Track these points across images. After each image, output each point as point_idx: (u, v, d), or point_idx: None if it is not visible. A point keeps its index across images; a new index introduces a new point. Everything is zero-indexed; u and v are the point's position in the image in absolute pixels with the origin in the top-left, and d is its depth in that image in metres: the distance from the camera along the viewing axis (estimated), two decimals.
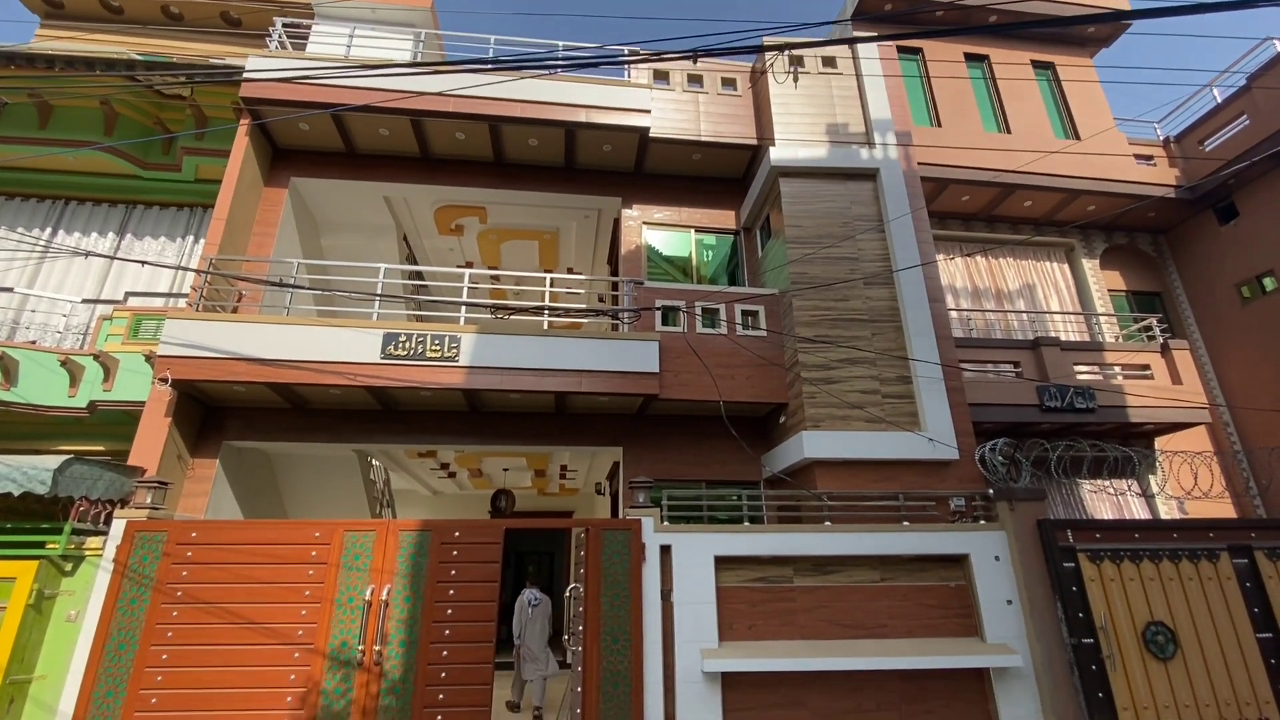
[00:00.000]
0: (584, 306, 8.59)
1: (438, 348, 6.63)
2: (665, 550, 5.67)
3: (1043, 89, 9.93)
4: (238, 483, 7.40)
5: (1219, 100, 9.30)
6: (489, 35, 8.52)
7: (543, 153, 8.49)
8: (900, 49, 9.20)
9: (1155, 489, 8.50)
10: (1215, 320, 9.37)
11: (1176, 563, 5.68)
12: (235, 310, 7.18)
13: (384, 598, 5.29)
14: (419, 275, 10.66)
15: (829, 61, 8.53)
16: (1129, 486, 8.57)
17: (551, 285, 7.46)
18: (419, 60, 8.79)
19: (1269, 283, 8.72)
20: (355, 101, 7.39)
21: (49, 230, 8.76)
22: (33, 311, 8.16)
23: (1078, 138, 9.47)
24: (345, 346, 6.53)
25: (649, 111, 8.02)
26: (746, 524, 6.03)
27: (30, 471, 5.26)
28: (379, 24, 9.06)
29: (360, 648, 5.13)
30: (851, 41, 5.81)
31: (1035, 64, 9.96)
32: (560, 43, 8.30)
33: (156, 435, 6.40)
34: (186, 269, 7.57)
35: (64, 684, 4.97)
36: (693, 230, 8.73)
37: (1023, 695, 5.39)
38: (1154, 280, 10.09)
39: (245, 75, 7.42)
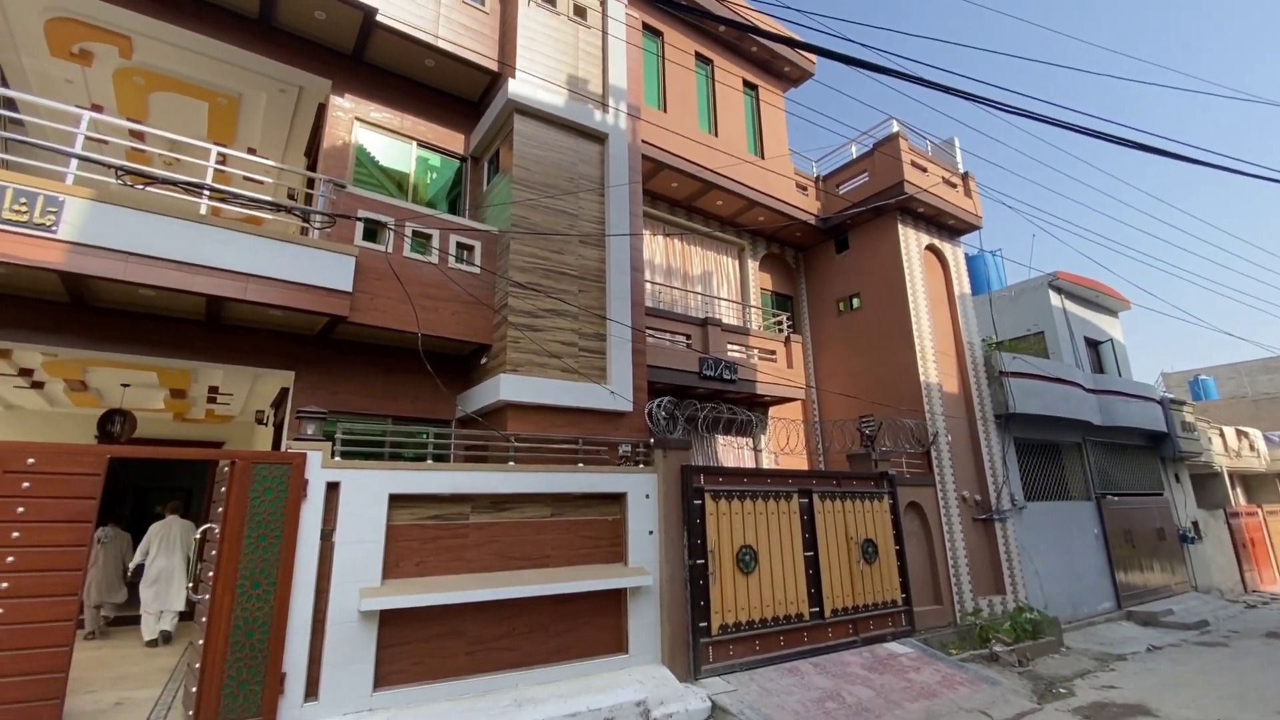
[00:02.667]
0: (267, 199, 7.16)
1: (24, 209, 4.80)
2: (332, 487, 5.22)
3: (747, 106, 11.59)
4: None
5: (854, 155, 12.11)
6: None
7: None
8: (645, 26, 9.69)
9: (763, 445, 10.98)
10: (821, 323, 12.38)
11: (766, 501, 7.47)
12: None
13: None
14: (10, 104, 7.52)
15: (580, 11, 8.51)
16: (747, 443, 10.90)
17: (222, 163, 5.98)
18: None
19: (855, 302, 11.84)
20: None
21: None
22: None
23: (763, 156, 11.34)
24: None
25: None
26: (430, 462, 5.90)
27: None
28: None
29: None
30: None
31: (745, 83, 11.55)
32: None
33: None
34: None
35: None
36: (415, 143, 7.94)
37: (648, 607, 6.50)
38: (789, 285, 12.83)
39: None
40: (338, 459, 5.34)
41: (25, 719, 3.96)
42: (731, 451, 10.62)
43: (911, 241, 11.33)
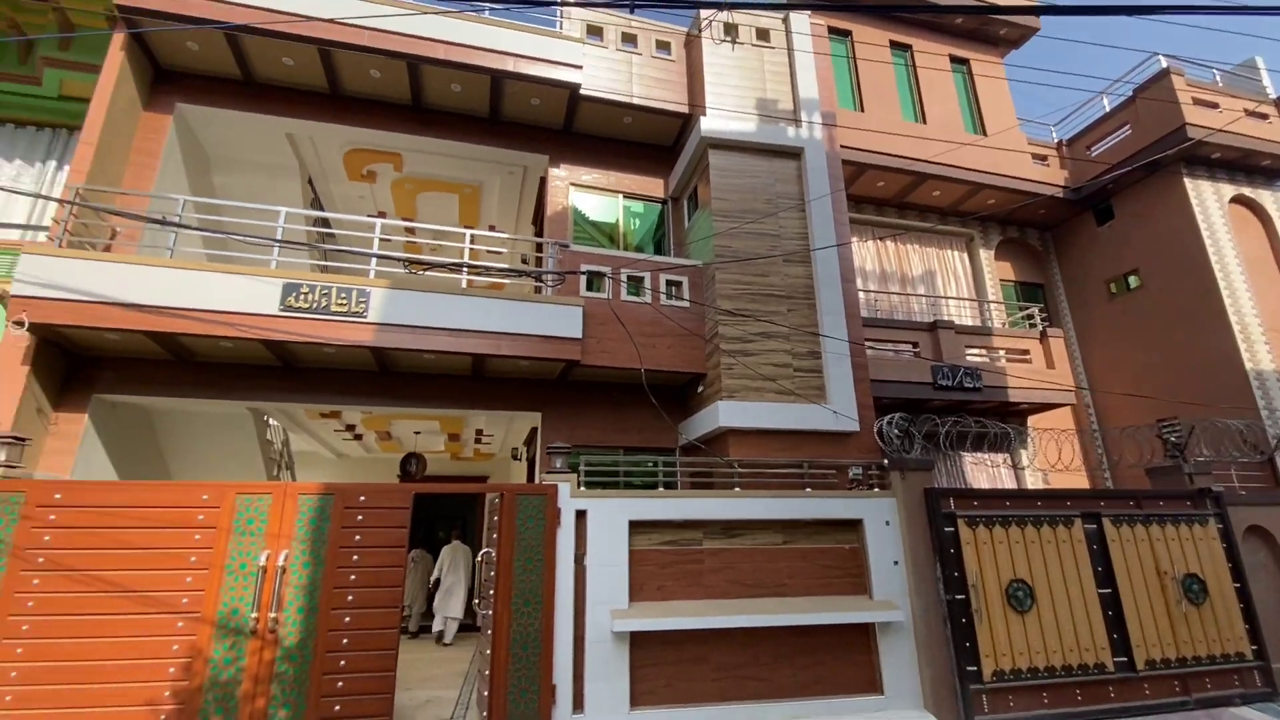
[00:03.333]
0: (506, 266, 8.34)
1: (344, 301, 6.24)
2: (581, 515, 5.72)
3: (958, 84, 10.44)
4: (111, 441, 6.73)
5: (1108, 108, 10.13)
6: None
7: (466, 100, 8.04)
8: (831, 30, 9.35)
9: (1025, 462, 9.44)
10: (1086, 312, 10.39)
11: (1039, 527, 6.36)
12: (108, 249, 6.41)
13: (281, 564, 5.02)
14: (325, 222, 9.94)
15: (763, 34, 8.54)
16: (1003, 460, 9.47)
17: (472, 242, 7.16)
18: None
19: (1133, 280, 9.73)
20: (253, 20, 6.65)
21: None
22: None
23: (984, 134, 10.06)
24: (239, 295, 6.01)
25: (581, 67, 7.75)
26: (661, 489, 6.16)
27: None
28: None
29: (253, 615, 4.86)
30: (787, 7, 5.83)
31: (953, 59, 10.44)
32: None
33: (12, 385, 5.69)
34: (47, 198, 6.67)
35: None
36: (621, 196, 8.61)
37: (901, 645, 5.91)
38: (1038, 272, 11.02)
39: None
40: (583, 489, 5.84)
41: (365, 708, 4.93)
42: (984, 470, 9.32)
43: (1208, 196, 9.04)
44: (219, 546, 5.01)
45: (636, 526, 5.78)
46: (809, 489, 6.43)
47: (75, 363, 6.41)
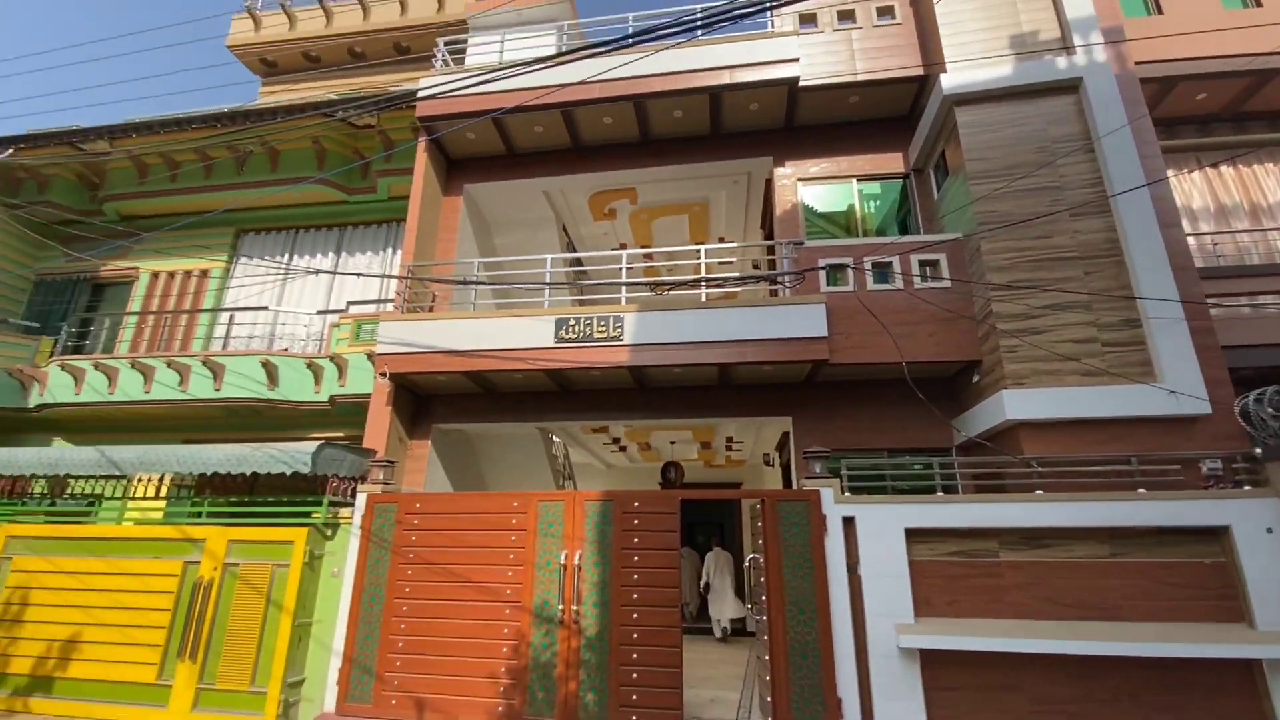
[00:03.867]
0: (739, 275, 8.41)
1: (603, 328, 6.91)
2: (848, 522, 5.43)
3: None
4: (445, 460, 8.40)
5: None
6: (627, 14, 8.57)
7: (688, 123, 8.39)
8: None
9: None
10: None
11: None
12: (431, 309, 8.07)
13: (576, 562, 5.70)
14: (578, 262, 11.18)
15: None
16: None
17: (705, 256, 7.40)
18: (562, 52, 9.09)
19: None
20: (510, 104, 7.86)
21: (286, 255, 10.54)
22: (283, 324, 9.90)
23: None
24: (523, 333, 7.06)
25: (797, 60, 7.54)
26: (940, 494, 5.54)
27: (296, 455, 6.42)
28: (526, 25, 9.49)
29: (560, 607, 5.59)
30: None
31: None
32: (699, 6, 8.08)
33: (381, 422, 7.46)
34: (390, 276, 8.68)
35: (334, 627, 6.06)
36: (854, 180, 8.11)
37: None
38: None
39: (419, 95, 8.19)
40: (847, 494, 5.54)
41: (659, 700, 5.26)
42: None
43: None
44: (529, 546, 5.88)
45: (915, 535, 5.28)
46: (1142, 490, 5.19)
47: (420, 401, 8.17)
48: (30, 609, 6.54)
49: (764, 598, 5.48)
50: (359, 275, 7.79)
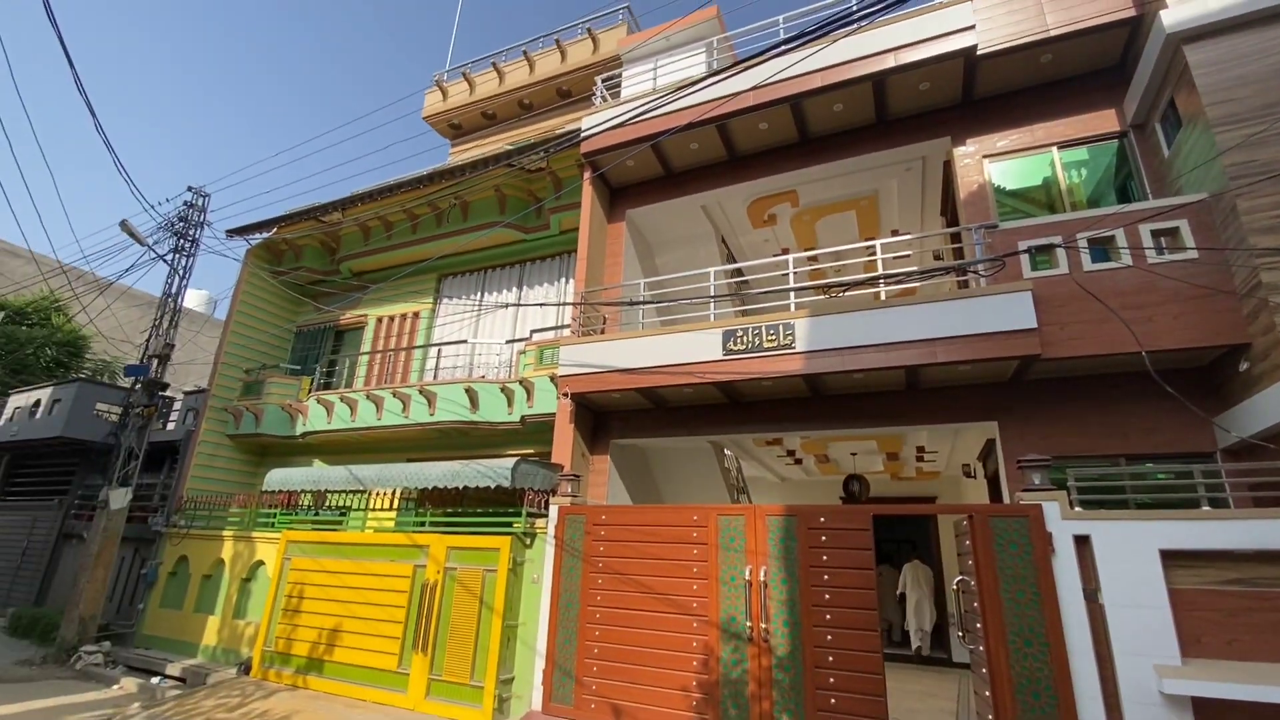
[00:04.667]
0: (924, 269, 7.74)
1: (773, 337, 6.74)
2: (1081, 541, 4.67)
3: None
4: (624, 473, 8.75)
5: None
6: (776, 17, 8.41)
7: (850, 115, 7.97)
8: None
9: None
10: None
11: None
12: (603, 331, 8.50)
13: (762, 578, 5.56)
14: (740, 273, 11.10)
15: None
16: None
17: (881, 252, 6.90)
18: (713, 68, 9.17)
19: None
20: (667, 126, 8.08)
21: (479, 293, 11.82)
22: (479, 355, 11.08)
23: None
24: (691, 348, 7.14)
25: (972, 27, 6.83)
26: (1206, 508, 4.55)
27: (498, 470, 7.10)
28: (675, 49, 9.75)
29: (748, 624, 5.48)
30: None
31: None
32: None
33: (565, 438, 7.98)
34: (566, 304, 9.32)
35: (537, 629, 6.53)
36: (1054, 148, 7.08)
37: None
38: None
39: (581, 135, 8.77)
40: (1078, 509, 4.77)
41: None
42: None
43: None
44: (711, 560, 5.86)
45: (1175, 558, 4.38)
46: None
47: (598, 419, 8.62)
48: (305, 601, 7.95)
49: (978, 625, 4.88)
50: (540, 305, 8.47)
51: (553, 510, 6.88)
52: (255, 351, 12.83)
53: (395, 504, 9.48)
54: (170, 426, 13.79)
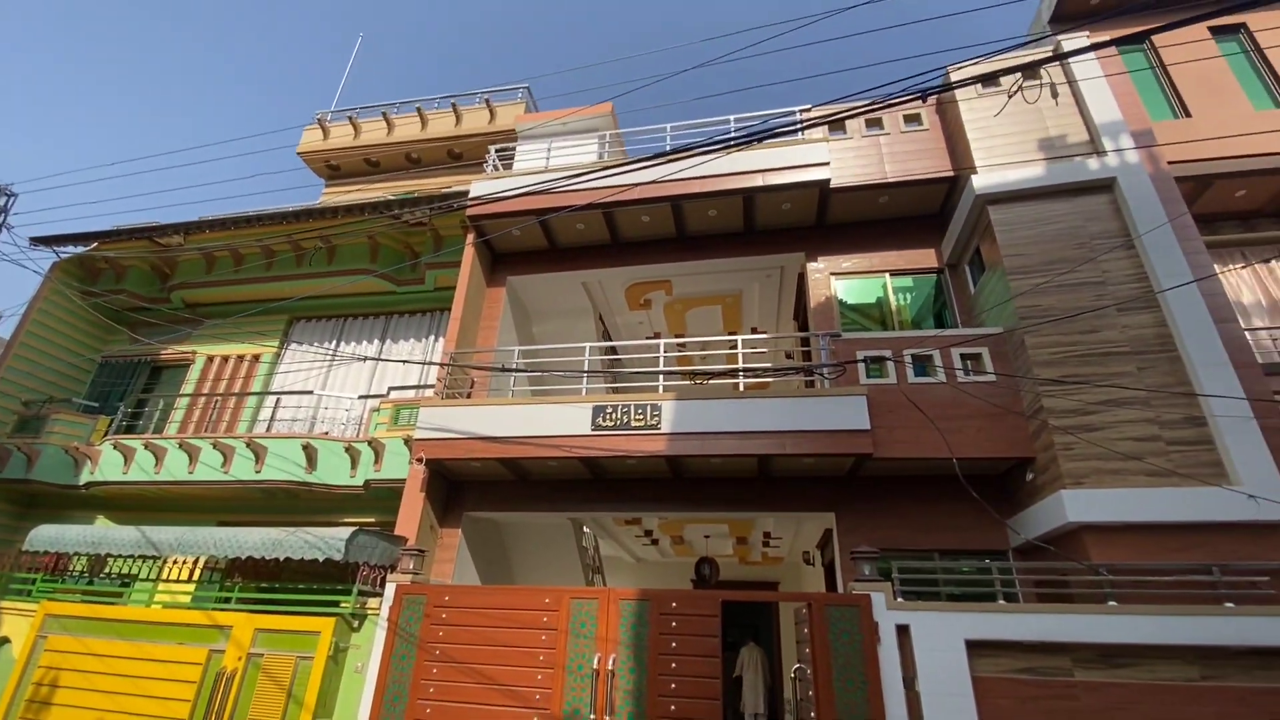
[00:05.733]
0: (775, 366, 8.42)
1: (640, 416, 6.88)
2: (902, 630, 5.06)
3: None
4: (475, 549, 8.21)
5: None
6: (665, 125, 9.17)
7: (722, 221, 8.73)
8: (1120, 40, 8.05)
9: None
10: None
11: None
12: (469, 395, 8.19)
13: (610, 667, 5.36)
14: (614, 351, 11.36)
15: (1031, 74, 7.73)
16: None
17: (742, 346, 7.45)
18: (604, 160, 9.70)
19: None
20: (553, 204, 8.31)
21: (334, 342, 10.95)
22: (325, 409, 10.13)
23: None
24: (560, 421, 7.07)
25: (827, 164, 7.90)
26: (1001, 602, 5.16)
27: (330, 542, 6.36)
28: (570, 134, 10.23)
29: (590, 716, 5.21)
30: (1059, 58, 5.08)
31: None
32: (732, 118, 8.61)
33: (414, 508, 7.39)
34: (432, 364, 8.90)
35: None
36: (887, 274, 8.21)
37: None
38: None
39: (470, 198, 8.76)
40: (900, 600, 5.19)
41: None
42: None
43: None
44: (559, 647, 5.58)
45: (977, 647, 4.87)
46: (1229, 603, 4.75)
47: (453, 488, 8.12)
48: (60, 691, 6.38)
49: (812, 714, 5.03)
50: (403, 362, 8.03)
51: (389, 589, 6.23)
52: (42, 380, 10.73)
53: (195, 575, 8.08)
54: None
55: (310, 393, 10.03)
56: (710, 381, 7.40)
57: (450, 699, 5.60)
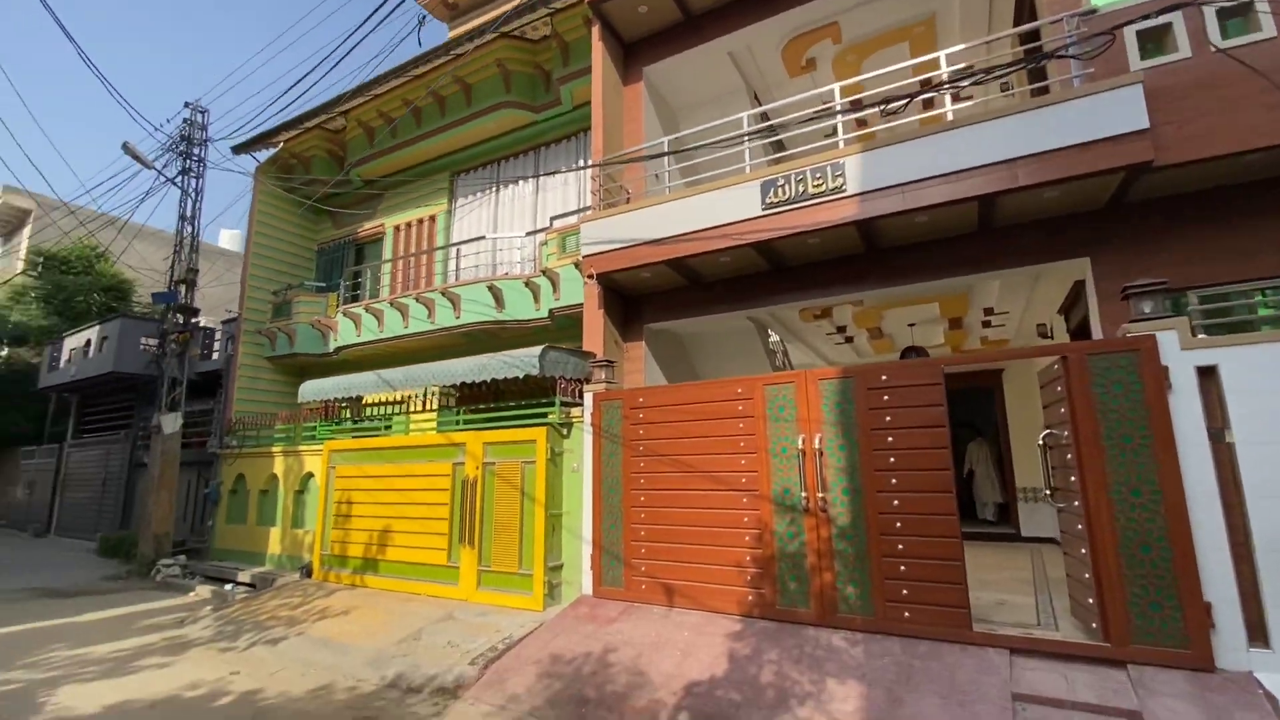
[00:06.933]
0: (1003, 65, 6.53)
1: (820, 181, 5.83)
2: (1205, 374, 3.90)
3: None
4: (660, 362, 8.20)
5: None
6: None
7: None
8: None
9: None
10: None
11: None
12: (628, 202, 7.69)
13: (816, 446, 5.03)
14: (770, 116, 9.87)
15: None
16: None
17: (945, 64, 5.77)
18: None
19: None
20: None
21: (494, 186, 11.03)
22: (501, 249, 10.47)
23: None
24: (726, 207, 6.31)
25: None
26: None
27: (525, 359, 6.65)
28: None
29: (803, 494, 5.01)
30: None
31: None
32: None
33: (596, 325, 7.41)
34: (575, 168, 8.49)
35: (580, 517, 6.27)
36: None
37: None
38: None
39: None
40: (1201, 337, 3.96)
41: (936, 596, 4.44)
42: None
43: None
44: (759, 433, 5.34)
45: None
46: None
47: (630, 304, 7.98)
48: (355, 506, 7.96)
49: (1071, 479, 4.26)
50: (555, 173, 7.68)
51: (587, 397, 6.45)
52: (280, 272, 12.57)
53: (435, 407, 9.29)
54: (215, 356, 13.96)
55: (482, 237, 10.39)
56: (899, 122, 5.94)
57: (660, 486, 5.79)
